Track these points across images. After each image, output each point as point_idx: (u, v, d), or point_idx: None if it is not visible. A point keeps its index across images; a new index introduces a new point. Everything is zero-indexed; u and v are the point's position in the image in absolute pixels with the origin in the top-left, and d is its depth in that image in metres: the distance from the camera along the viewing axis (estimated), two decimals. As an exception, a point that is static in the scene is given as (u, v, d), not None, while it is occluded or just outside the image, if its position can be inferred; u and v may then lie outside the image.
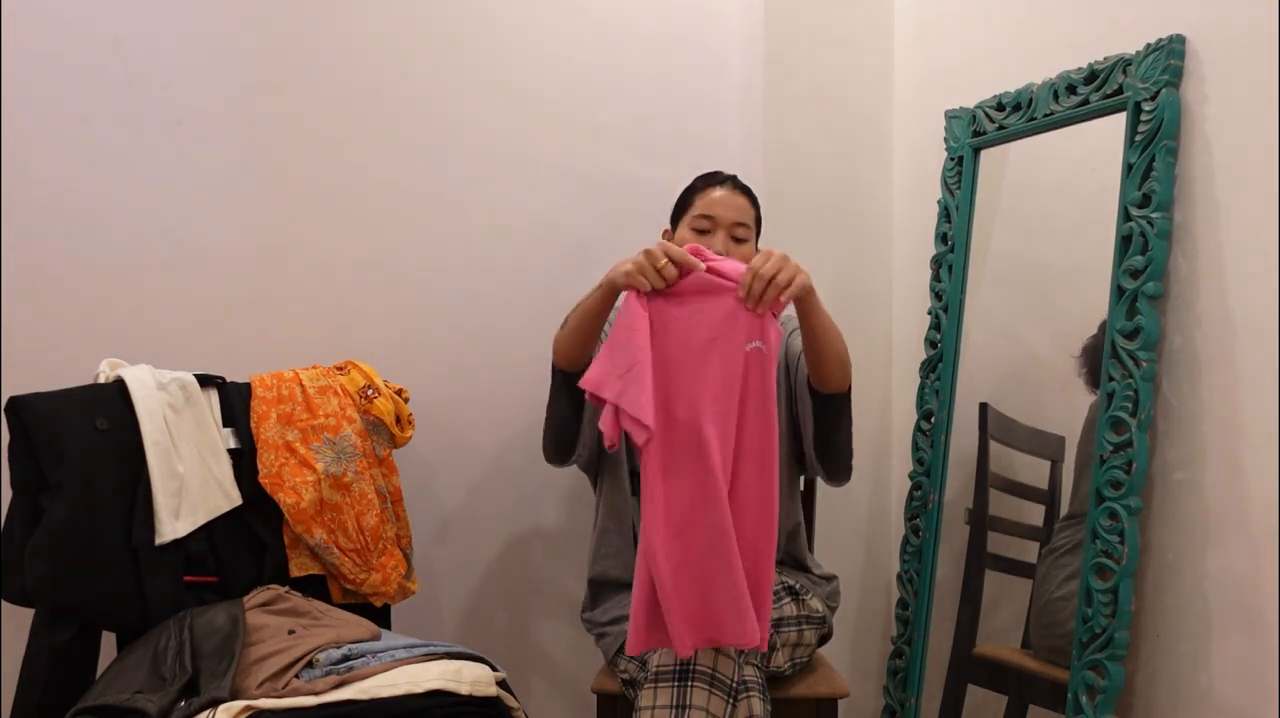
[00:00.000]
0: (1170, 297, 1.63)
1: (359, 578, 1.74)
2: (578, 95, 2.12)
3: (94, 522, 1.53)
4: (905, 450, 2.15)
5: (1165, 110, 1.60)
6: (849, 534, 2.24)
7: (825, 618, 1.72)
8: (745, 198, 1.76)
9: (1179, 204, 1.62)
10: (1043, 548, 1.83)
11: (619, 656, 1.66)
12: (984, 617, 1.95)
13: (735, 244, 1.72)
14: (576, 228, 2.12)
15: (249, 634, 1.48)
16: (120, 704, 1.30)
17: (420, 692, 1.36)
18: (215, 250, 1.91)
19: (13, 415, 1.53)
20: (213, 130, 1.91)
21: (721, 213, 1.72)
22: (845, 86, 2.25)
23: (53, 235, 1.83)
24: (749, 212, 1.76)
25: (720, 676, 1.45)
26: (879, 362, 2.30)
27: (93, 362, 1.67)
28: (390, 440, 1.82)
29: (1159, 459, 1.65)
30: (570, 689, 2.15)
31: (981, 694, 1.93)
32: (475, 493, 2.09)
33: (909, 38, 2.26)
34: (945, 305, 2.04)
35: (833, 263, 2.24)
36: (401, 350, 1.98)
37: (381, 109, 2.01)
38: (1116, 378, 1.63)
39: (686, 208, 1.76)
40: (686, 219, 1.75)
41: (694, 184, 1.79)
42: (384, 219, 2.02)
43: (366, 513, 1.75)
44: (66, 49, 1.82)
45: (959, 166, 2.03)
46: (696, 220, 1.73)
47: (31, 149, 1.81)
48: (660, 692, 1.45)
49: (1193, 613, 1.60)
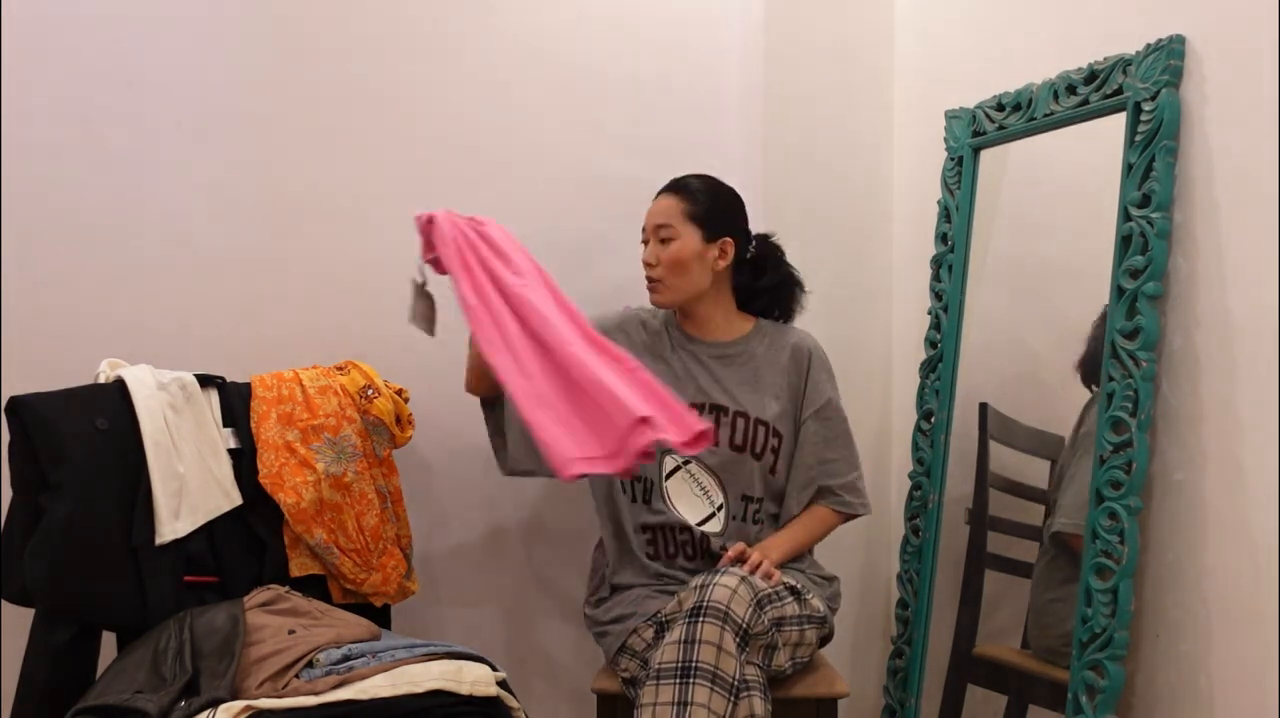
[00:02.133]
0: (1170, 297, 1.63)
1: (359, 578, 1.74)
2: (578, 95, 2.12)
3: (94, 522, 1.54)
4: (905, 450, 2.15)
5: (1165, 110, 1.60)
6: (849, 534, 2.23)
7: (826, 618, 1.73)
8: (675, 197, 1.79)
9: (1179, 204, 1.62)
10: (1040, 548, 1.83)
11: (620, 654, 1.66)
12: (984, 617, 1.95)
13: (662, 246, 1.77)
14: (576, 228, 2.12)
15: (249, 634, 1.48)
16: (120, 704, 1.30)
17: (420, 692, 1.36)
18: (215, 250, 1.91)
19: (13, 415, 1.53)
20: (213, 130, 1.91)
21: (649, 222, 1.80)
22: (845, 87, 2.25)
23: (53, 236, 1.83)
24: (673, 210, 1.77)
25: (722, 674, 1.45)
26: (879, 362, 2.30)
27: (93, 362, 1.67)
28: (390, 440, 1.82)
29: (1159, 459, 1.65)
30: (570, 689, 2.15)
31: (981, 694, 1.93)
32: (475, 493, 2.09)
33: (909, 38, 2.26)
34: (945, 305, 2.05)
35: (833, 263, 2.24)
36: (401, 350, 1.98)
37: (381, 109, 2.01)
38: (1116, 378, 1.63)
39: None
40: None
41: None
42: (384, 219, 2.02)
43: (367, 513, 1.75)
44: (66, 49, 1.82)
45: (959, 167, 2.03)
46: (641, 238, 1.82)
47: (31, 149, 1.81)
48: (662, 689, 1.45)
49: (1193, 613, 1.60)
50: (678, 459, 1.77)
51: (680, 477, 1.78)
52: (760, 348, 1.83)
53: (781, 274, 1.87)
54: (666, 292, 1.78)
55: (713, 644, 1.46)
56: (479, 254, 1.62)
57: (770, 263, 1.87)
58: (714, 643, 1.46)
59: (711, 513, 1.77)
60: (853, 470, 1.83)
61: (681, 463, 1.78)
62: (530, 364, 1.53)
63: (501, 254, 1.64)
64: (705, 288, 1.79)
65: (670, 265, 1.76)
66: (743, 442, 1.77)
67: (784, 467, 1.79)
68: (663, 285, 1.77)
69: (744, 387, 1.79)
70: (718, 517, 1.77)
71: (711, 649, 1.46)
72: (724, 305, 1.84)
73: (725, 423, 1.76)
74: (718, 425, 1.76)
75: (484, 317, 1.55)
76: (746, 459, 1.76)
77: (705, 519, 1.76)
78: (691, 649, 1.46)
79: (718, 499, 1.77)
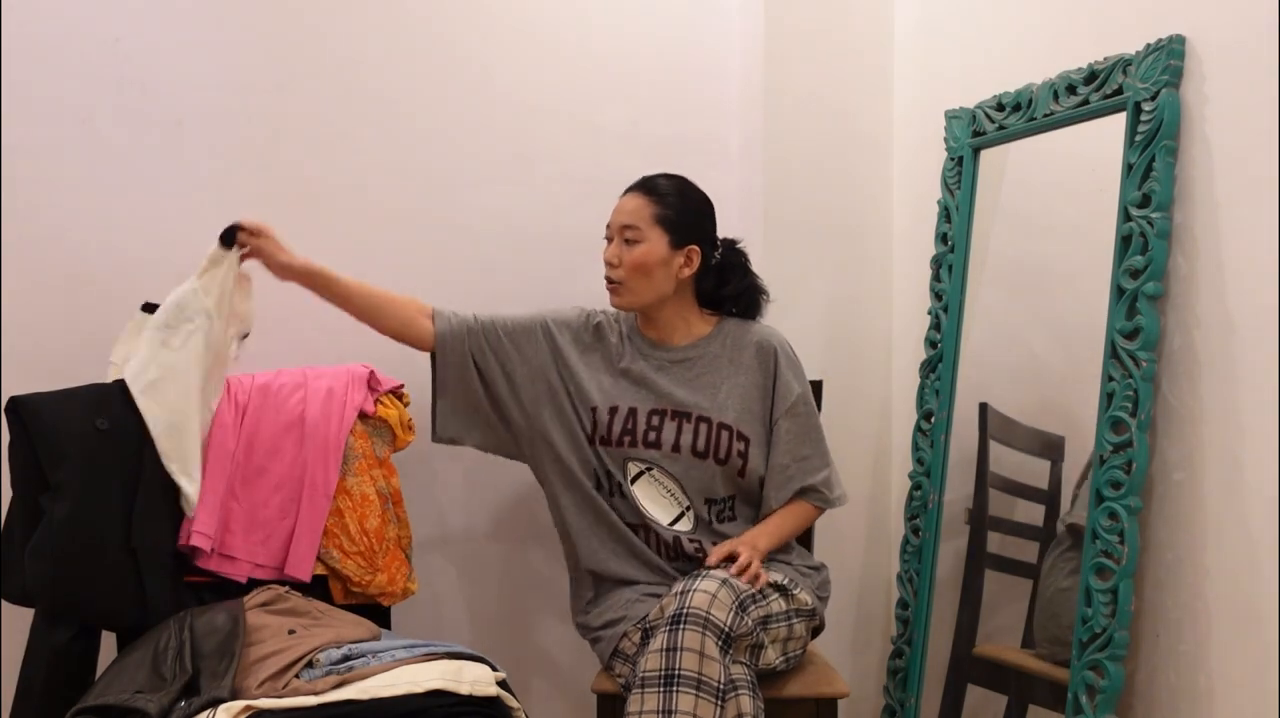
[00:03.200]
0: (1170, 297, 1.63)
1: (365, 579, 1.73)
2: (577, 95, 2.12)
3: (94, 522, 1.54)
4: (905, 450, 2.15)
5: (1165, 110, 1.60)
6: (849, 534, 2.24)
7: (816, 610, 1.72)
8: (644, 196, 1.76)
9: (1179, 204, 1.62)
10: (1049, 543, 1.82)
11: (614, 659, 1.66)
12: (984, 617, 1.95)
13: (626, 247, 1.74)
14: (576, 228, 2.12)
15: (249, 634, 1.48)
16: (120, 704, 1.30)
17: (420, 692, 1.36)
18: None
19: (13, 415, 1.53)
20: (213, 130, 1.91)
21: (614, 219, 1.77)
22: (845, 87, 2.25)
23: (53, 235, 1.83)
24: (642, 211, 1.74)
25: (706, 679, 1.44)
26: (879, 362, 2.30)
27: (93, 362, 1.67)
28: (391, 443, 1.83)
29: (1159, 459, 1.65)
30: (570, 689, 2.15)
31: (981, 694, 1.93)
32: (475, 493, 2.09)
33: (909, 38, 2.26)
34: (945, 305, 2.04)
35: (833, 263, 2.24)
36: (401, 350, 1.98)
37: (381, 109, 2.01)
38: (1116, 378, 1.63)
39: None
40: None
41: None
42: (383, 219, 2.02)
43: (369, 515, 1.75)
44: (66, 49, 1.82)
45: (959, 167, 2.03)
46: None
47: (32, 149, 1.81)
48: (647, 697, 1.44)
49: (1193, 613, 1.60)
50: (640, 465, 1.77)
51: (646, 480, 1.77)
52: (723, 349, 1.81)
53: (745, 283, 1.84)
54: (627, 294, 1.75)
55: (694, 652, 1.45)
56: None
57: (735, 271, 1.83)
58: (695, 650, 1.45)
59: (681, 513, 1.77)
60: (826, 466, 1.82)
61: (645, 469, 1.77)
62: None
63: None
64: (668, 294, 1.77)
65: (633, 268, 1.73)
66: (705, 447, 1.75)
67: (754, 468, 1.77)
68: (624, 288, 1.75)
69: (706, 391, 1.78)
70: (687, 516, 1.77)
71: (694, 657, 1.45)
72: (685, 309, 1.81)
73: (688, 429, 1.75)
74: (679, 432, 1.75)
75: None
76: (709, 465, 1.75)
77: (676, 519, 1.76)
78: (674, 657, 1.45)
79: (684, 500, 1.77)
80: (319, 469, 1.71)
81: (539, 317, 1.82)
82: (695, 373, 1.79)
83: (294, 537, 1.69)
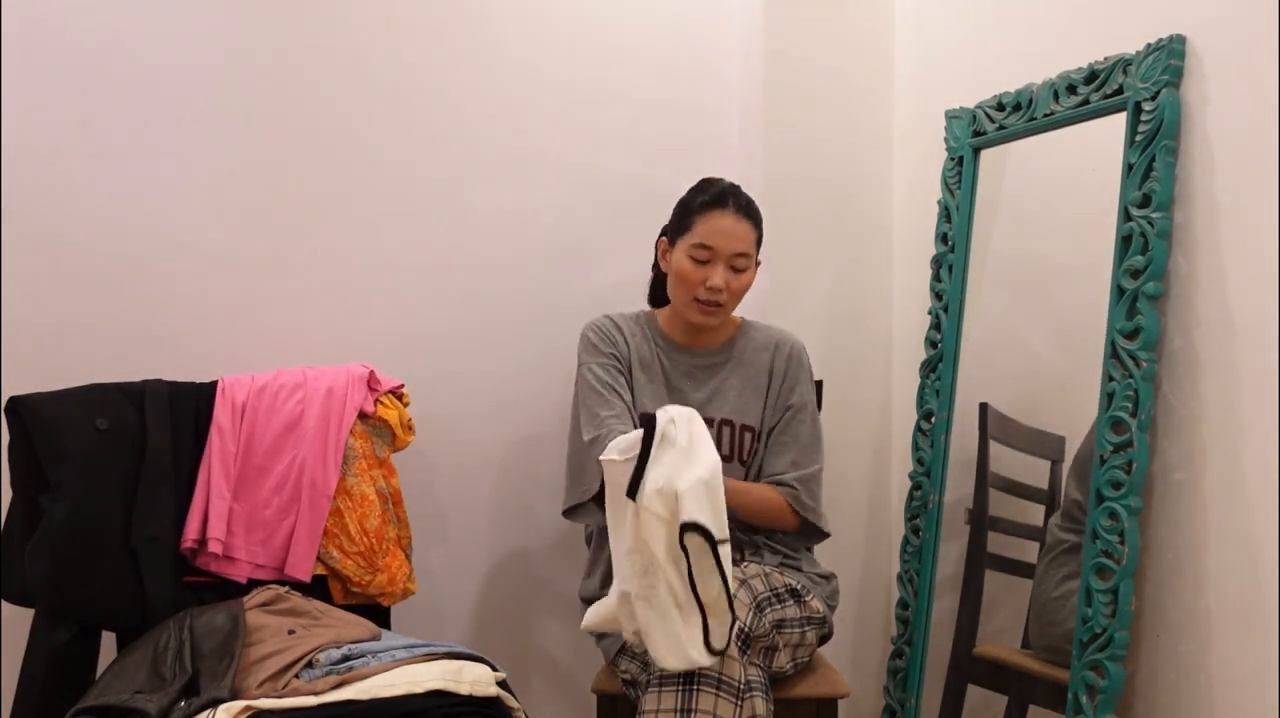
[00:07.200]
0: (1170, 297, 1.63)
1: (365, 580, 1.73)
2: (578, 96, 2.12)
3: (94, 522, 1.54)
4: (905, 450, 2.15)
5: (1165, 110, 1.60)
6: (849, 534, 2.24)
7: (826, 618, 1.72)
8: (749, 221, 1.73)
9: (1179, 204, 1.62)
10: (1041, 548, 1.83)
11: (620, 655, 1.66)
12: (984, 617, 1.95)
13: (734, 274, 1.72)
14: (576, 228, 2.12)
15: (249, 634, 1.48)
16: (120, 704, 1.30)
17: (420, 692, 1.36)
18: (215, 250, 1.91)
19: (13, 415, 1.53)
20: (213, 130, 1.91)
21: (723, 244, 1.70)
22: (845, 86, 2.25)
23: (53, 235, 1.82)
24: (750, 237, 1.73)
25: (727, 678, 1.44)
26: (879, 362, 2.30)
27: (93, 362, 1.67)
28: (391, 443, 1.82)
29: (1159, 459, 1.65)
30: (570, 689, 2.15)
31: (981, 694, 1.93)
32: (475, 493, 2.09)
33: (909, 37, 2.26)
34: (945, 305, 2.05)
35: (833, 262, 2.24)
36: (401, 350, 1.98)
37: (381, 109, 2.01)
38: (1116, 378, 1.63)
39: (686, 229, 1.73)
40: (685, 243, 1.72)
41: (696, 201, 1.74)
42: (384, 219, 2.01)
43: (369, 515, 1.75)
44: (66, 49, 1.82)
45: (959, 166, 2.03)
46: (696, 250, 1.71)
47: (32, 149, 1.81)
48: (665, 696, 1.43)
49: (1193, 613, 1.60)
50: None
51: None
52: (744, 350, 1.82)
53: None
54: (721, 314, 1.75)
55: None
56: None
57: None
58: None
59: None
60: (813, 472, 1.78)
61: None
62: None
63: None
64: None
65: (737, 294, 1.74)
66: (730, 451, 1.77)
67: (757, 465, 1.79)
68: (723, 311, 1.75)
69: (729, 393, 1.79)
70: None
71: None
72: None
73: (711, 432, 1.75)
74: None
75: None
76: (734, 467, 1.76)
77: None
78: None
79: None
80: (319, 469, 1.71)
81: (607, 362, 1.78)
82: (720, 376, 1.80)
83: (294, 537, 1.69)
